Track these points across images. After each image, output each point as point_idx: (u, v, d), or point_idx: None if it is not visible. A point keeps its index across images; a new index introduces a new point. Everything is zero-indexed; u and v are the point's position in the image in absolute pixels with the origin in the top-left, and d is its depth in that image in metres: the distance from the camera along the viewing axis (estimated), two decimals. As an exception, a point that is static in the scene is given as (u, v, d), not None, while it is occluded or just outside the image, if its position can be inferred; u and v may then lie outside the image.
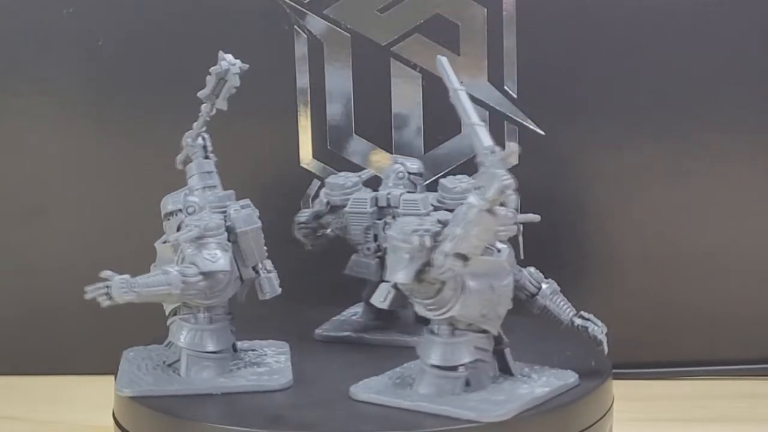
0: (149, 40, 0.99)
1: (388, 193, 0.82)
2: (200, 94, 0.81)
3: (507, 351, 0.73)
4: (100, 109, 1.00)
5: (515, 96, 0.98)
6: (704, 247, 0.99)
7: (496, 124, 0.98)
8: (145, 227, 0.82)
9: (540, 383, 0.72)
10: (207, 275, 0.73)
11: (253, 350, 0.80)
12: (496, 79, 0.98)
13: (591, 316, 0.74)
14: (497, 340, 0.72)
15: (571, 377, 0.74)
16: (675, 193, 0.98)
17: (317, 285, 0.94)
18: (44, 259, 1.03)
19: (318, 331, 0.85)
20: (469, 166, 0.98)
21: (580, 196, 0.99)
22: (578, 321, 0.75)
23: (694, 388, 0.98)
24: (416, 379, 0.71)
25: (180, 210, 0.78)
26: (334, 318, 0.88)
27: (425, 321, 0.72)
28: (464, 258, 0.66)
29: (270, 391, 0.74)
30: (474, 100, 0.97)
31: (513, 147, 0.66)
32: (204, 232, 0.74)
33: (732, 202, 0.99)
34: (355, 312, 0.88)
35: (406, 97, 0.98)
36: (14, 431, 0.93)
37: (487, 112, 0.98)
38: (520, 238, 0.76)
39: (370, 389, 0.72)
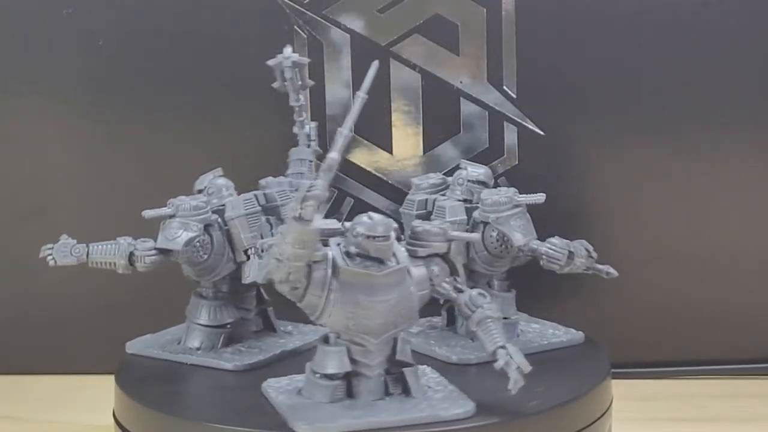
0: (149, 40, 0.99)
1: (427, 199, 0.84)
2: (274, 85, 0.86)
3: (410, 371, 0.71)
4: (100, 109, 1.00)
5: (515, 96, 0.98)
6: (703, 247, 0.99)
7: (496, 124, 0.98)
8: (145, 227, 0.82)
9: (425, 405, 0.69)
10: (161, 251, 0.79)
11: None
12: (495, 79, 0.98)
13: (516, 353, 0.68)
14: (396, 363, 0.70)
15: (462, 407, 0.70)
16: (675, 193, 0.98)
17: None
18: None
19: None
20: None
21: (579, 196, 0.99)
22: (500, 354, 0.68)
23: (693, 388, 0.98)
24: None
25: (202, 190, 0.83)
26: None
27: None
28: (304, 263, 0.67)
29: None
30: (474, 100, 0.98)
31: (331, 159, 0.64)
32: (176, 211, 0.80)
33: (732, 202, 0.99)
34: None
35: (405, 97, 0.98)
36: (14, 431, 0.93)
37: (487, 113, 0.98)
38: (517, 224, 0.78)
39: None
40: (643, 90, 0.97)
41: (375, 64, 0.70)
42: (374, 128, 0.98)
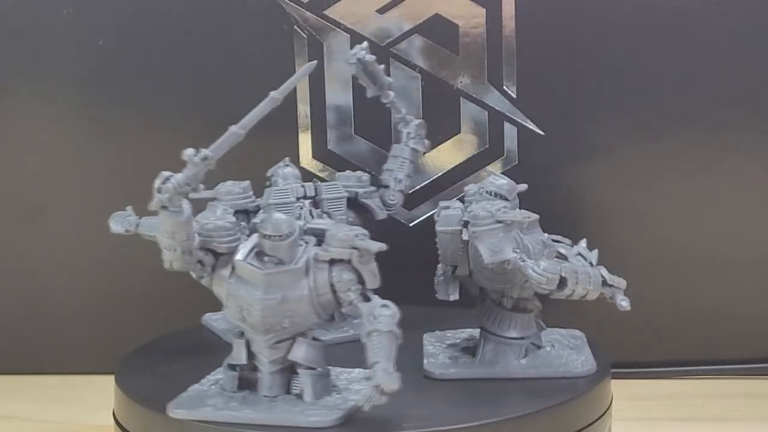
0: (150, 40, 0.99)
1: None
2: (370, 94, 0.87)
3: (305, 374, 0.70)
4: (100, 109, 1.00)
5: (514, 96, 0.98)
6: (704, 247, 0.99)
7: (496, 124, 0.98)
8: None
9: (299, 409, 0.69)
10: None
11: None
12: (495, 79, 0.98)
13: (382, 372, 0.65)
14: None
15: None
16: (675, 192, 0.99)
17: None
18: (44, 259, 1.03)
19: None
20: (469, 166, 0.99)
21: (579, 196, 0.99)
22: (373, 370, 0.66)
23: (693, 388, 0.98)
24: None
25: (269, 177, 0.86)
26: None
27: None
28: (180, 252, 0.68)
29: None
30: (474, 100, 0.98)
31: (201, 155, 0.67)
32: (216, 194, 0.82)
33: (732, 201, 0.99)
34: None
35: (405, 98, 0.98)
36: (15, 430, 0.93)
37: (487, 112, 0.98)
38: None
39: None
40: (643, 90, 0.97)
41: (310, 64, 0.71)
42: (374, 128, 0.98)
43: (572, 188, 0.99)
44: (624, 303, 0.73)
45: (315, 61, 0.75)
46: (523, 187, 0.78)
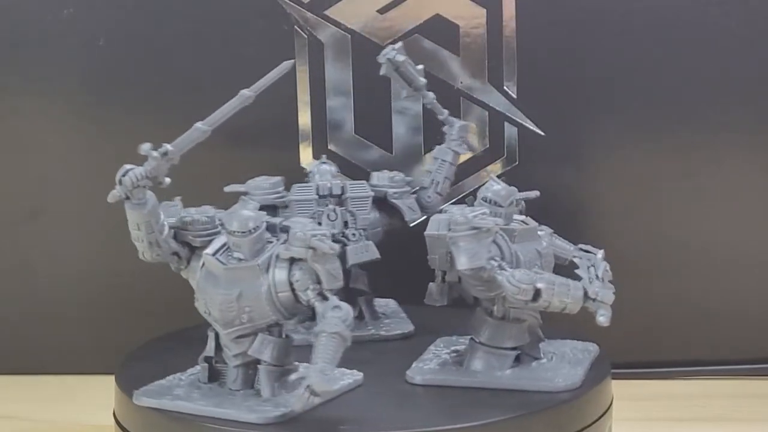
0: (150, 41, 0.99)
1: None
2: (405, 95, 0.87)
3: (262, 369, 0.71)
4: (100, 109, 1.00)
5: (515, 96, 0.98)
6: (704, 247, 0.99)
7: (496, 124, 0.98)
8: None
9: (249, 404, 0.70)
10: None
11: None
12: (495, 80, 0.98)
13: (315, 375, 0.66)
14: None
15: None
16: (675, 193, 0.99)
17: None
18: (44, 259, 1.03)
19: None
20: (470, 167, 0.99)
21: (579, 197, 0.99)
22: (308, 373, 0.67)
23: (694, 388, 0.98)
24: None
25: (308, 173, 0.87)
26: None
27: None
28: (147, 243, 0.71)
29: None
30: (474, 100, 0.98)
31: (160, 150, 0.71)
32: (248, 189, 0.84)
33: (733, 201, 0.99)
34: None
35: (406, 98, 0.97)
36: (15, 430, 0.93)
37: (487, 113, 0.98)
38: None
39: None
40: (644, 90, 0.97)
41: (285, 64, 0.71)
42: (374, 128, 0.98)
43: (572, 188, 0.99)
44: (602, 319, 0.71)
45: (292, 61, 0.75)
46: (535, 194, 0.78)
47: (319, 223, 0.81)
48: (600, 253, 0.74)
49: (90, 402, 0.94)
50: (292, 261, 0.69)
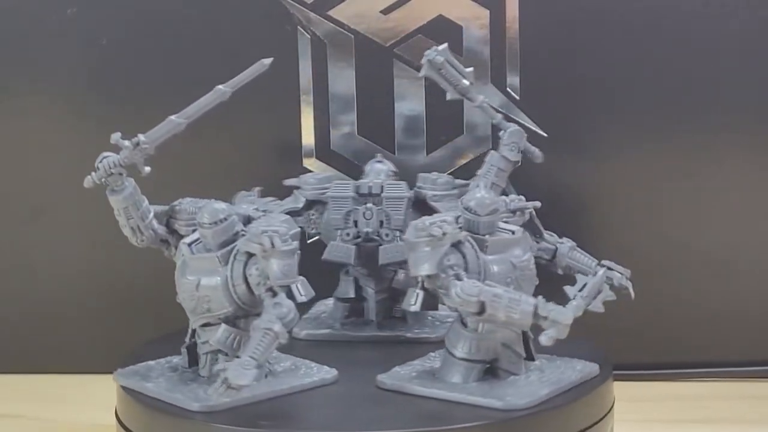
0: (152, 40, 0.99)
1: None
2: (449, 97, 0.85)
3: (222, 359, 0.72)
4: (102, 109, 1.00)
5: (518, 98, 0.98)
6: (705, 248, 0.99)
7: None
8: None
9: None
10: None
11: None
12: (498, 81, 0.98)
13: (233, 369, 0.67)
14: None
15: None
16: (676, 193, 0.99)
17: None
18: (44, 259, 1.03)
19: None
20: (470, 167, 0.99)
21: (582, 197, 0.99)
22: (226, 365, 0.68)
23: (696, 389, 0.98)
24: None
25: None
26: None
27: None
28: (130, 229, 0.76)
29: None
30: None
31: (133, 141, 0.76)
32: (299, 183, 0.87)
33: (733, 202, 0.99)
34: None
35: (408, 98, 0.98)
36: (18, 429, 0.93)
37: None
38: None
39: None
40: (645, 91, 0.97)
41: (262, 62, 0.72)
42: (377, 129, 0.98)
43: (574, 189, 0.99)
44: (542, 338, 0.68)
45: (270, 59, 0.76)
46: (536, 204, 0.78)
47: (355, 222, 0.83)
48: (601, 271, 0.74)
49: (90, 402, 0.95)
50: (250, 255, 0.71)
